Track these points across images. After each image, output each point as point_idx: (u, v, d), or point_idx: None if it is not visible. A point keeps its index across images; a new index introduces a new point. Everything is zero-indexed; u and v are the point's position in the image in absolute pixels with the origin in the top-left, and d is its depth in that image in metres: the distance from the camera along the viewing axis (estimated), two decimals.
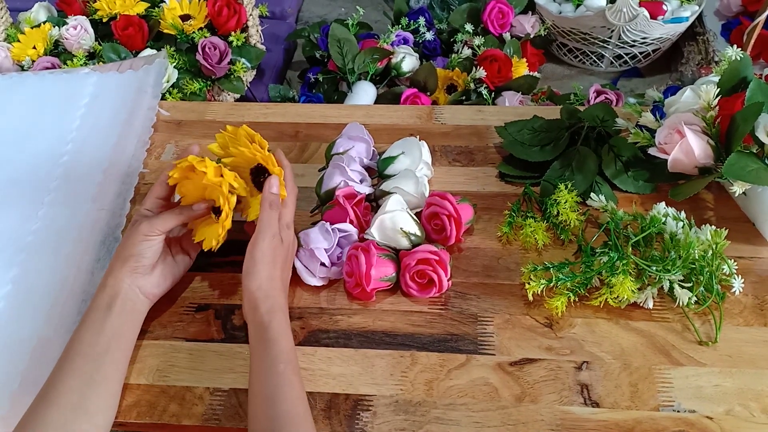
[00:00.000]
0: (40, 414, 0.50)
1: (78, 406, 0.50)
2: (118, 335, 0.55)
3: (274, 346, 0.53)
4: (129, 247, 0.58)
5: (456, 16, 1.36)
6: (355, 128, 0.74)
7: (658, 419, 0.53)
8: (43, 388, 0.52)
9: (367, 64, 1.17)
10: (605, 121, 0.75)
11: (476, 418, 0.54)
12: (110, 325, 0.55)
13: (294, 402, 0.51)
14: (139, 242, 0.57)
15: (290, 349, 0.54)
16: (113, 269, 0.57)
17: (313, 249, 0.62)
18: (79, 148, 0.79)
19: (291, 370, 0.52)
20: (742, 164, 0.61)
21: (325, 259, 0.62)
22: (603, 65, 1.41)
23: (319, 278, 0.63)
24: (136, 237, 0.58)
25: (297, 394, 0.51)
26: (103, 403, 0.52)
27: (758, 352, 0.57)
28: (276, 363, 0.52)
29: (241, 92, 1.18)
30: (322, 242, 0.63)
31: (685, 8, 1.30)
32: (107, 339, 0.54)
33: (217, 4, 1.15)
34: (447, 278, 0.61)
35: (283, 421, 0.49)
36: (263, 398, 0.51)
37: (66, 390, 0.51)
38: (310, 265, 0.63)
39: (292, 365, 0.53)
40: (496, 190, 0.74)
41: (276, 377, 0.51)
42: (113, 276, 0.57)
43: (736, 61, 0.69)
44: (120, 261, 0.57)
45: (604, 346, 0.58)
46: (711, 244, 0.59)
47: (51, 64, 1.11)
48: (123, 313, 0.56)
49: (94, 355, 0.53)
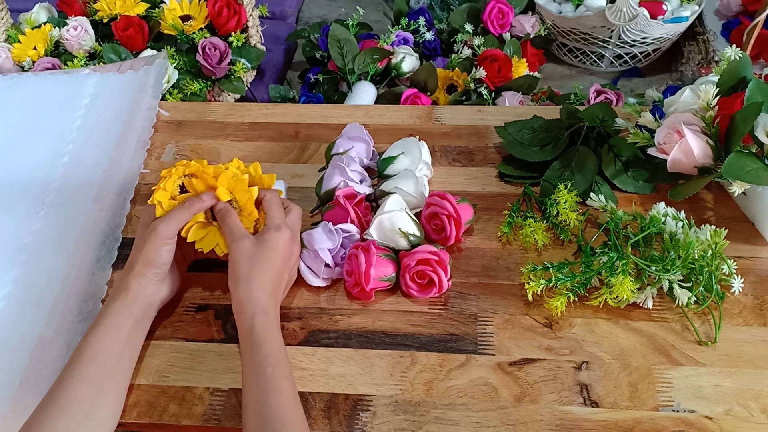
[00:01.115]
0: (48, 420, 0.49)
1: (88, 414, 0.50)
2: (133, 342, 0.55)
3: (259, 349, 0.52)
4: (151, 252, 0.56)
5: (456, 16, 1.35)
6: (355, 128, 0.75)
7: (657, 419, 0.53)
8: (53, 391, 0.50)
9: (367, 64, 1.17)
10: (605, 121, 0.75)
11: (476, 418, 0.54)
12: (129, 331, 0.54)
13: (283, 406, 0.50)
14: (161, 246, 0.56)
15: (277, 351, 0.53)
16: (137, 274, 0.56)
17: (317, 250, 0.62)
18: (79, 148, 0.79)
19: (279, 374, 0.51)
20: (742, 164, 0.61)
21: (329, 260, 0.62)
22: (603, 65, 1.41)
23: (323, 279, 0.63)
24: (157, 241, 0.56)
25: (286, 398, 0.50)
26: (109, 412, 0.52)
27: (758, 352, 0.57)
28: (263, 367, 0.51)
29: (241, 93, 1.18)
30: (326, 242, 0.62)
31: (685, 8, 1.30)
32: (122, 345, 0.54)
33: (218, 4, 1.15)
34: (447, 278, 0.61)
35: (274, 426, 0.48)
36: (252, 404, 0.50)
37: (78, 397, 0.50)
38: (314, 266, 0.63)
39: (281, 368, 0.52)
40: (496, 190, 0.74)
41: (264, 382, 0.51)
42: (137, 281, 0.56)
43: (735, 61, 0.69)
44: (144, 266, 0.56)
45: (604, 346, 0.58)
46: (710, 244, 0.59)
47: (51, 64, 1.11)
48: (143, 320, 0.56)
49: (109, 362, 0.53)
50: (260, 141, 0.81)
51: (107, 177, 0.74)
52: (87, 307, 0.62)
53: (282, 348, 0.54)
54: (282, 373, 0.52)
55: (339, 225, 0.64)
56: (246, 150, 0.80)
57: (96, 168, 0.75)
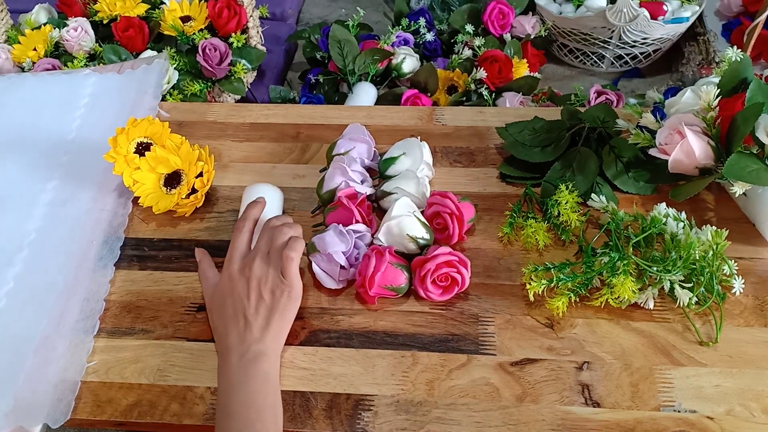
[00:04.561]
0: None
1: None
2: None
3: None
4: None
5: (456, 16, 1.36)
6: (356, 129, 0.75)
7: (658, 419, 0.53)
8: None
9: (368, 65, 1.17)
10: (606, 121, 0.75)
11: (477, 418, 0.54)
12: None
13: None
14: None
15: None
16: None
17: (331, 253, 0.61)
18: (79, 148, 0.79)
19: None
20: (743, 165, 0.61)
21: (343, 262, 0.62)
22: (604, 66, 1.41)
23: (339, 281, 0.63)
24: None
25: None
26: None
27: (759, 352, 0.57)
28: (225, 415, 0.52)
29: (241, 93, 1.18)
30: (339, 245, 0.62)
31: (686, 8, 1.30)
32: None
33: (218, 5, 1.15)
34: (469, 274, 0.61)
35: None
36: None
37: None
38: (329, 269, 0.63)
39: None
40: (497, 190, 0.74)
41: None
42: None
43: (736, 62, 0.69)
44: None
45: (605, 347, 0.58)
46: (711, 244, 0.59)
47: (51, 65, 1.11)
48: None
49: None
50: (261, 142, 0.82)
51: (107, 177, 0.74)
52: (88, 306, 0.62)
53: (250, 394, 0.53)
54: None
55: (350, 226, 0.64)
56: (247, 150, 0.80)
57: (96, 167, 0.75)
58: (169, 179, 0.72)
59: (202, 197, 0.71)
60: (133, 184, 0.71)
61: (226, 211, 0.73)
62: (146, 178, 0.71)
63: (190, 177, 0.71)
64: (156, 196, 0.71)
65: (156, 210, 0.71)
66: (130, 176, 0.71)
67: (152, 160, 0.71)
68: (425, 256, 0.61)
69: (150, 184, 0.72)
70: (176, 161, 0.71)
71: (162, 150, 0.71)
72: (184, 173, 0.72)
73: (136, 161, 0.71)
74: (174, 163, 0.71)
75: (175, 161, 0.71)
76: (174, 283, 0.65)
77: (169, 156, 0.71)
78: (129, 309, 0.63)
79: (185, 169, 0.72)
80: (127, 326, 0.62)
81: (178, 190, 0.71)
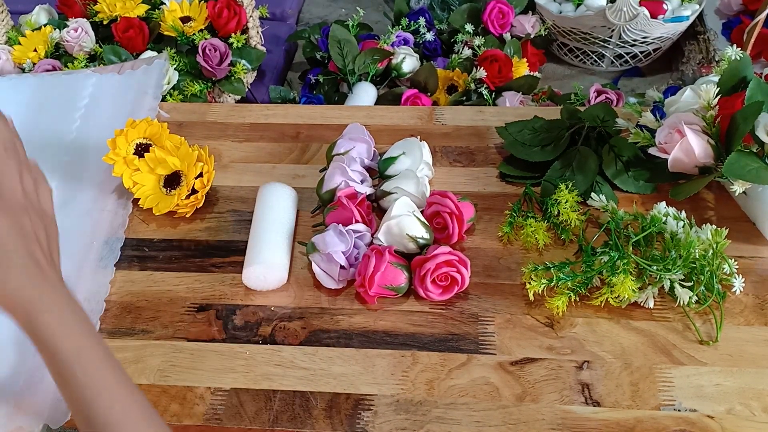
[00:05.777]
0: None
1: None
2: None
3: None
4: None
5: (456, 16, 1.36)
6: (355, 129, 0.75)
7: (659, 418, 0.53)
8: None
9: (368, 65, 1.17)
10: (606, 121, 0.75)
11: (477, 418, 0.54)
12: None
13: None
14: None
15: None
16: None
17: (331, 253, 0.61)
18: (80, 148, 0.79)
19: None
20: (743, 163, 0.61)
21: (343, 261, 0.62)
22: (603, 65, 1.41)
23: (338, 281, 0.63)
24: None
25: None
26: None
27: (759, 351, 0.57)
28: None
29: (241, 94, 1.18)
30: (339, 245, 0.62)
31: (686, 7, 1.30)
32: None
33: (218, 5, 1.15)
34: (469, 274, 0.61)
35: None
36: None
37: None
38: (329, 269, 0.63)
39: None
40: (497, 190, 0.74)
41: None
42: None
43: (735, 60, 0.69)
44: None
45: (605, 346, 0.58)
46: (711, 243, 0.59)
47: (52, 66, 1.11)
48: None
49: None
50: (261, 142, 0.82)
51: (108, 177, 0.74)
52: (89, 306, 0.62)
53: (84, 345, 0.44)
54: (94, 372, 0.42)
55: (350, 226, 0.64)
56: (247, 151, 0.80)
57: (96, 168, 0.76)
58: (169, 180, 0.72)
59: (202, 198, 0.71)
60: (133, 186, 0.71)
61: (226, 211, 0.73)
62: (146, 179, 0.72)
63: (190, 178, 0.71)
64: (156, 197, 0.72)
65: (156, 211, 0.71)
66: (130, 178, 0.71)
67: (151, 162, 0.71)
68: (425, 256, 0.61)
69: (150, 185, 0.72)
70: (175, 162, 0.71)
71: (161, 151, 0.71)
72: (184, 174, 0.72)
73: (136, 162, 0.71)
74: (173, 164, 0.71)
75: (174, 162, 0.71)
76: (174, 284, 0.66)
77: (168, 157, 0.71)
78: (129, 309, 0.63)
79: (184, 170, 0.72)
80: (128, 326, 0.62)
81: (178, 191, 0.71)
